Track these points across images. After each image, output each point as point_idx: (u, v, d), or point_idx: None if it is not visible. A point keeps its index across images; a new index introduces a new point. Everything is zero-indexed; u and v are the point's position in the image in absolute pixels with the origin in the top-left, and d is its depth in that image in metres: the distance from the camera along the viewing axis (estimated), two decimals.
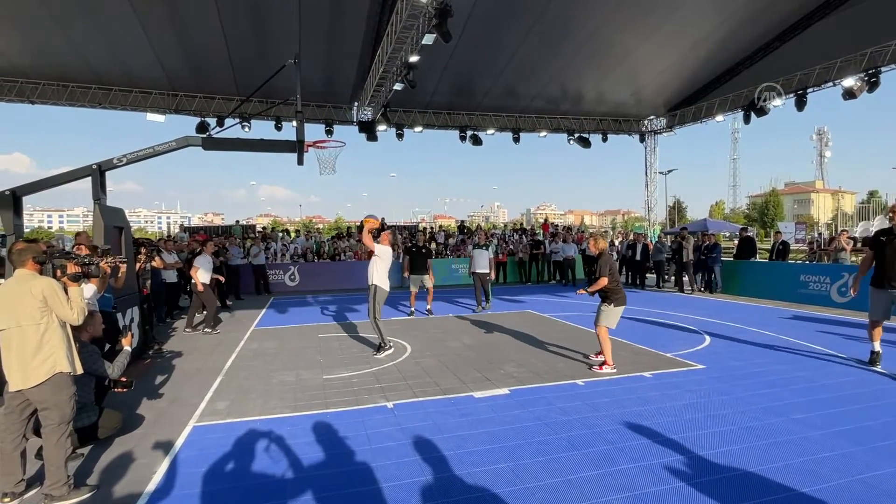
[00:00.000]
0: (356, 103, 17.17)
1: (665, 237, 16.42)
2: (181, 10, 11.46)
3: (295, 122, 8.32)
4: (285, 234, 20.70)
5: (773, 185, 77.14)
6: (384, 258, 6.90)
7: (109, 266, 4.42)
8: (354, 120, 17.62)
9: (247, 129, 16.11)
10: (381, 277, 6.84)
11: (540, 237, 17.98)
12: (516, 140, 19.14)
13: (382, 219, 7.14)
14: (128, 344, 4.29)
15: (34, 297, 3.13)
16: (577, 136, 19.58)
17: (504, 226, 52.41)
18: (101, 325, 4.51)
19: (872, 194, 56.53)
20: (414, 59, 11.67)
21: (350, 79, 15.38)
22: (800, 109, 14.88)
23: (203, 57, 13.71)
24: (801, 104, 14.80)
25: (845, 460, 3.50)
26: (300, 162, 8.21)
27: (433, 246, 18.87)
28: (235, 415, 4.64)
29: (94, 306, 4.85)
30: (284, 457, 3.73)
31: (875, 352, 5.89)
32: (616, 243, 17.56)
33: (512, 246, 17.85)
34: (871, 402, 4.69)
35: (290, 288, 15.29)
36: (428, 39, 10.65)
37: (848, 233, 14.69)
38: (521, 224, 32.70)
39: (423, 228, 22.39)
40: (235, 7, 11.49)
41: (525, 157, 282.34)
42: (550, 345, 7.32)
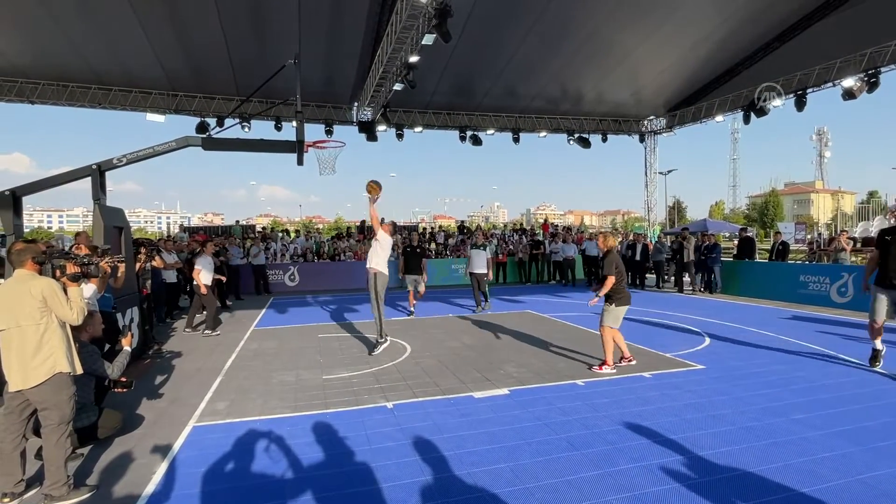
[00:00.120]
0: (356, 103, 17.17)
1: (665, 237, 16.42)
2: (181, 10, 11.47)
3: (295, 123, 8.32)
4: (285, 234, 20.72)
5: (773, 185, 77.28)
6: (384, 244, 7.02)
7: (109, 266, 4.42)
8: (354, 120, 17.63)
9: (247, 130, 16.11)
10: (380, 262, 6.94)
11: (540, 237, 17.99)
12: (516, 140, 19.15)
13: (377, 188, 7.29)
14: (128, 344, 4.29)
15: (34, 297, 3.13)
16: (576, 136, 19.58)
17: (504, 226, 52.37)
18: (101, 325, 4.52)
19: (872, 194, 56.45)
20: (414, 60, 11.68)
21: (350, 79, 15.38)
22: (799, 110, 14.90)
23: (203, 57, 13.71)
24: (800, 104, 14.81)
25: (845, 460, 3.50)
26: (300, 162, 8.21)
27: (433, 246, 18.91)
28: (235, 415, 4.64)
29: (94, 306, 4.85)
30: (284, 457, 3.73)
31: (876, 349, 5.81)
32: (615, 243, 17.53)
33: (512, 246, 17.86)
34: (870, 402, 4.69)
35: (290, 288, 15.30)
36: (428, 39, 10.66)
37: (848, 233, 14.70)
38: (521, 224, 32.72)
39: (423, 229, 22.41)
40: (235, 7, 11.49)
41: (525, 157, 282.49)
42: (550, 345, 7.32)
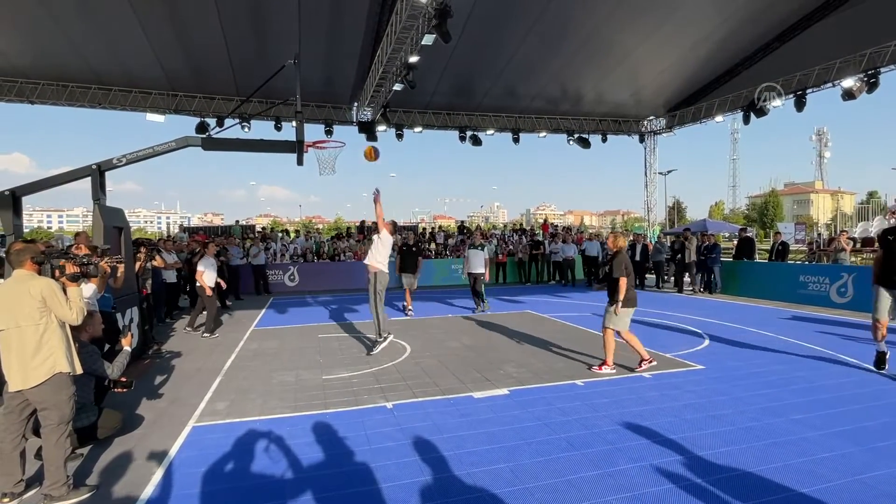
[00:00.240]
0: (356, 103, 17.15)
1: (665, 237, 16.41)
2: (181, 10, 11.46)
3: (294, 123, 8.32)
4: (285, 234, 20.72)
5: (773, 185, 77.30)
6: (386, 243, 7.05)
7: (108, 266, 4.42)
8: (354, 120, 17.61)
9: (246, 130, 16.10)
10: (381, 261, 6.97)
11: (539, 237, 17.99)
12: (516, 140, 19.13)
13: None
14: (127, 344, 4.29)
15: (33, 297, 3.12)
16: (576, 136, 19.57)
17: (504, 226, 52.38)
18: (101, 325, 4.52)
19: (872, 195, 56.43)
20: (414, 60, 11.67)
21: (350, 79, 15.37)
22: (799, 110, 14.89)
23: (203, 57, 13.70)
24: (800, 105, 14.80)
25: (844, 461, 3.50)
26: (300, 162, 8.21)
27: (433, 246, 18.91)
28: (235, 415, 4.64)
29: (94, 306, 4.85)
30: (284, 457, 3.73)
31: (881, 352, 5.63)
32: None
33: (511, 246, 17.86)
34: (870, 402, 4.69)
35: (290, 288, 15.30)
36: (427, 40, 10.65)
37: (847, 233, 14.70)
38: (521, 224, 32.74)
39: (423, 229, 22.39)
40: (235, 7, 11.48)
41: (525, 157, 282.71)
42: (550, 345, 7.32)
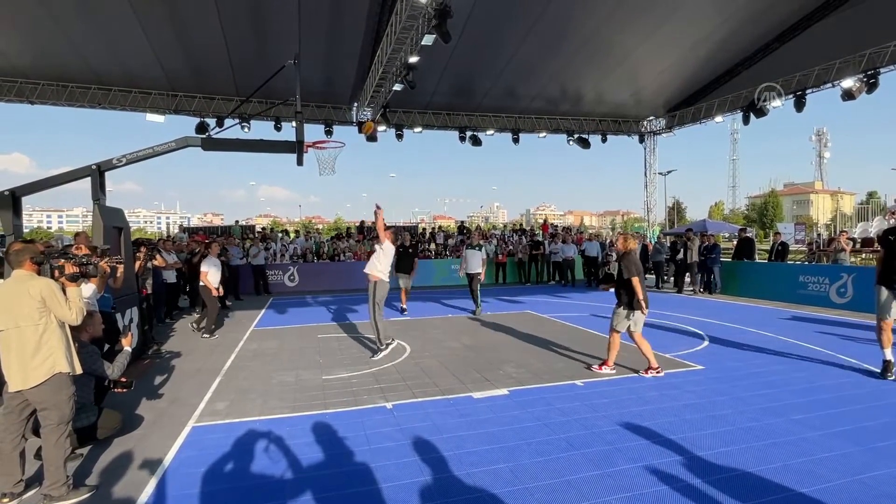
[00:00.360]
0: (356, 104, 17.15)
1: (665, 238, 16.40)
2: (181, 10, 11.45)
3: (294, 123, 8.33)
4: (285, 234, 20.71)
5: (773, 185, 77.36)
6: (388, 253, 7.04)
7: (108, 266, 4.42)
8: (354, 120, 17.61)
9: (246, 130, 16.09)
10: (382, 271, 6.93)
11: (539, 238, 17.99)
12: (516, 140, 19.13)
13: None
14: (127, 344, 4.29)
15: (32, 297, 3.12)
16: (576, 136, 19.57)
17: (503, 226, 52.39)
18: (101, 325, 4.51)
19: (871, 195, 56.49)
20: (413, 60, 11.67)
21: (350, 79, 15.37)
22: (799, 110, 14.89)
23: (203, 57, 13.70)
24: (800, 105, 14.80)
25: (844, 461, 3.51)
26: (300, 162, 8.21)
27: (432, 246, 18.91)
28: (235, 415, 4.64)
29: (94, 306, 4.85)
30: (284, 457, 3.73)
31: (887, 360, 5.39)
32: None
33: (511, 246, 17.86)
34: (870, 402, 4.69)
35: (290, 288, 15.30)
36: (427, 40, 10.65)
37: (847, 233, 14.70)
38: (521, 224, 32.74)
39: (423, 229, 22.39)
40: (235, 7, 11.48)
41: (524, 157, 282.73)
42: (549, 345, 7.32)
